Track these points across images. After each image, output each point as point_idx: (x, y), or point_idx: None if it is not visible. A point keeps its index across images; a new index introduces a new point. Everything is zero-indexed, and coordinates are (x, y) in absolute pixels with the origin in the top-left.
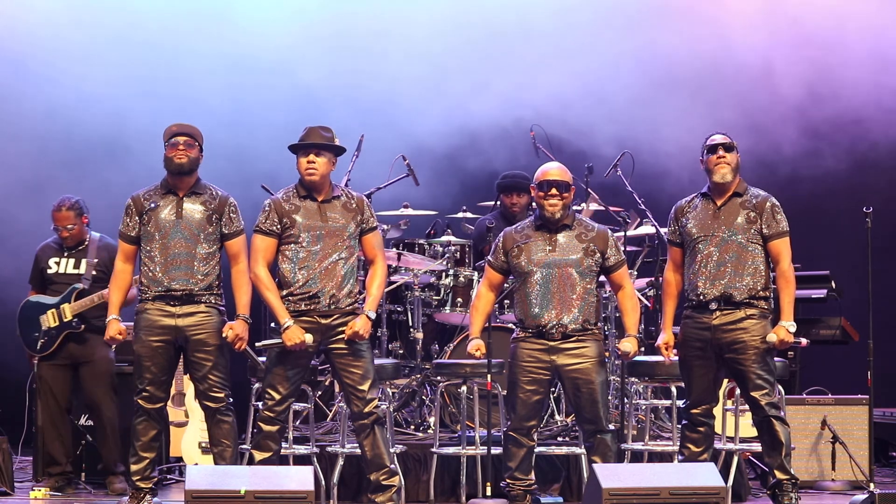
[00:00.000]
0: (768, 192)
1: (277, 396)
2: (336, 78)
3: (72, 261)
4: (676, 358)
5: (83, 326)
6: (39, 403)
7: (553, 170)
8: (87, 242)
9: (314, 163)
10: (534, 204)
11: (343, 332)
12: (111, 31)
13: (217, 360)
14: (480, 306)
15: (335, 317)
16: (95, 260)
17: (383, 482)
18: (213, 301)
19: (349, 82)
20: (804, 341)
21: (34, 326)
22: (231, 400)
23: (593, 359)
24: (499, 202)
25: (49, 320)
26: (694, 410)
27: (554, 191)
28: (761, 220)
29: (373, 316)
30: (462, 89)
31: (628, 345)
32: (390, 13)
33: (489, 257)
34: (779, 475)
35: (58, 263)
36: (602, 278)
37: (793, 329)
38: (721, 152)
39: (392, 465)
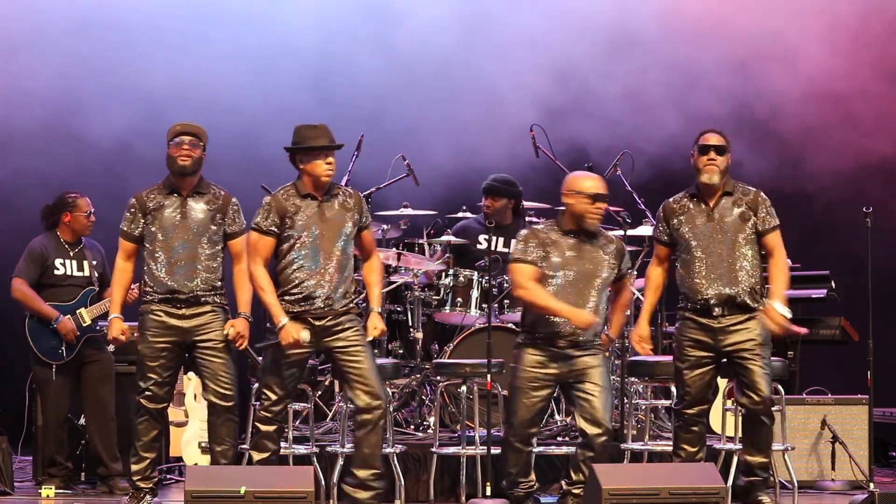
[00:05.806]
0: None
1: (274, 397)
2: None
3: (75, 262)
4: (657, 353)
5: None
6: (46, 404)
7: (601, 183)
8: (83, 242)
9: (332, 164)
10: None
11: (340, 331)
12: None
13: (227, 359)
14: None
15: (331, 318)
16: (94, 262)
17: (369, 482)
18: (217, 301)
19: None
20: (803, 329)
21: (49, 335)
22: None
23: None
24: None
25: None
26: (690, 411)
27: (600, 204)
28: (756, 216)
29: (379, 311)
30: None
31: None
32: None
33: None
34: (760, 473)
35: (64, 265)
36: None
37: (788, 314)
38: (712, 154)
39: (381, 470)
